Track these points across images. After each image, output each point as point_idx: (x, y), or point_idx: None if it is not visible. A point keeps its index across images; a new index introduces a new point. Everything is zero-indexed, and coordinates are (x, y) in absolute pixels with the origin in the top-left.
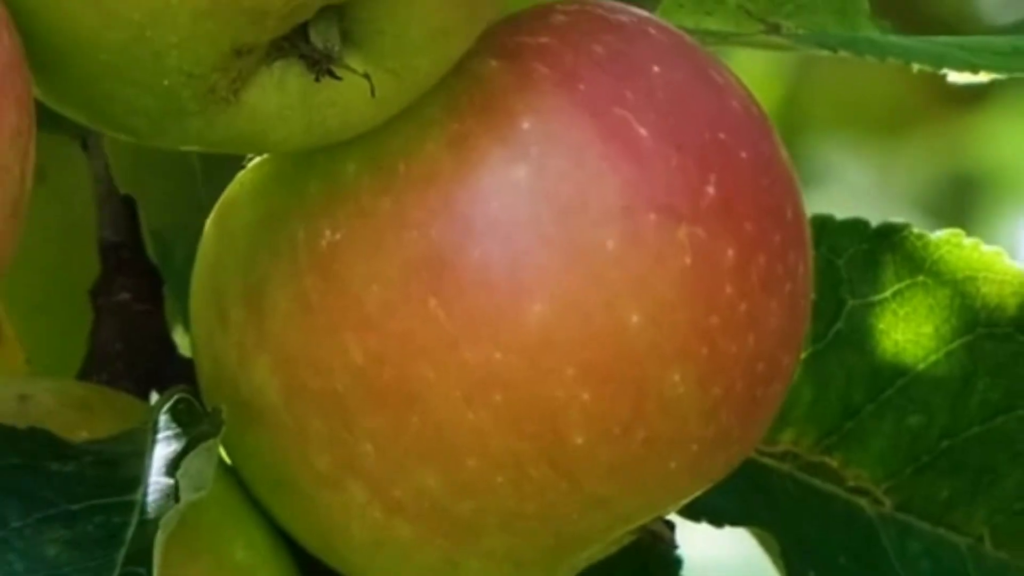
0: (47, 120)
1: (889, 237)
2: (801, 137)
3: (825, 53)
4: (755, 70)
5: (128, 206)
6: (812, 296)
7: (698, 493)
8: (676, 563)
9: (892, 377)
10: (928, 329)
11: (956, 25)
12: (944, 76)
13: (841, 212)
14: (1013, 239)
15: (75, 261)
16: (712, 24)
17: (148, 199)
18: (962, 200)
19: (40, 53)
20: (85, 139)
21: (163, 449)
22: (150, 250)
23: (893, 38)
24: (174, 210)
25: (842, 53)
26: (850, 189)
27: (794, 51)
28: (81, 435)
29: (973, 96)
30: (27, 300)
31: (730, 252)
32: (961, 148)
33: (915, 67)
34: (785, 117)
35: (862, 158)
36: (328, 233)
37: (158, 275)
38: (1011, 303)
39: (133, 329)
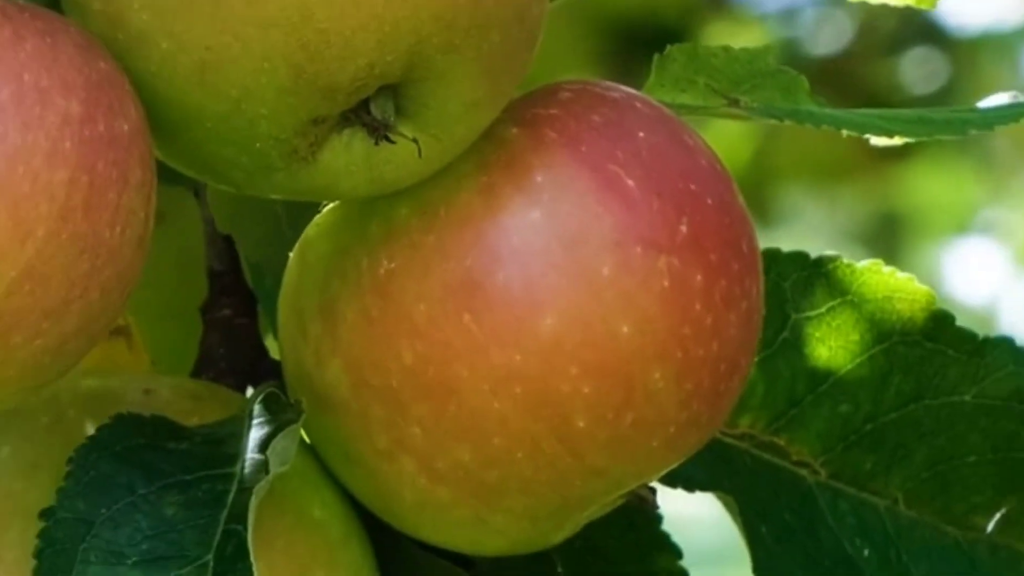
0: (166, 174)
1: (824, 265)
2: (768, 185)
3: (774, 122)
4: (731, 134)
5: (229, 243)
6: (763, 311)
7: (675, 465)
8: (657, 519)
9: (826, 375)
10: (855, 337)
11: (887, 95)
12: (868, 139)
13: (796, 244)
14: (929, 262)
15: (189, 285)
16: (686, 99)
17: (244, 238)
18: (890, 232)
19: (159, 122)
20: (197, 190)
21: (257, 432)
22: (247, 277)
23: (827, 110)
24: (265, 246)
25: (787, 122)
26: (805, 225)
27: (750, 120)
28: (193, 420)
29: (898, 153)
30: (152, 315)
31: (699, 277)
32: (889, 193)
33: (844, 133)
34: (755, 170)
35: (814, 201)
36: (385, 262)
37: (253, 296)
38: (920, 317)
39: (233, 338)
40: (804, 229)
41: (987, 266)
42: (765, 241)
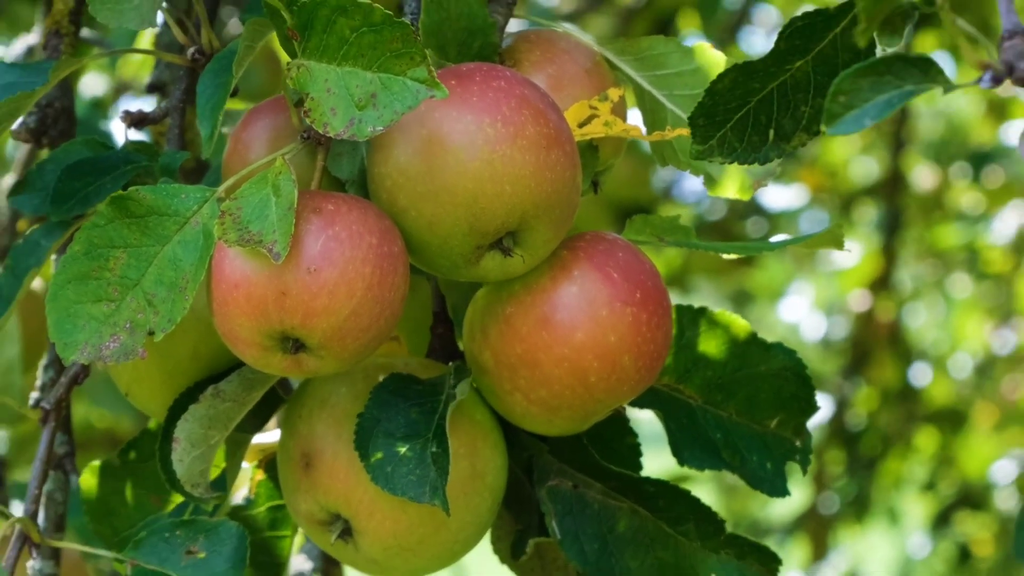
0: (416, 270)
1: (700, 312)
2: (688, 274)
3: (679, 248)
4: (673, 252)
5: (443, 298)
6: (673, 332)
7: (634, 397)
8: (627, 420)
9: (701, 359)
10: (714, 343)
11: (742, 235)
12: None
13: (700, 302)
14: (764, 309)
15: (424, 317)
16: (641, 239)
17: (449, 295)
18: (745, 297)
19: (410, 246)
20: (428, 277)
21: (452, 381)
22: (450, 313)
23: (703, 242)
24: (459, 299)
25: (683, 248)
26: (706, 293)
27: (665, 247)
28: (424, 376)
29: (747, 260)
30: (409, 330)
31: (644, 316)
32: (743, 278)
33: (712, 252)
34: (684, 267)
35: (709, 282)
36: (508, 309)
37: (452, 322)
38: (742, 334)
39: (443, 341)
40: (704, 295)
41: (797, 308)
42: (684, 300)
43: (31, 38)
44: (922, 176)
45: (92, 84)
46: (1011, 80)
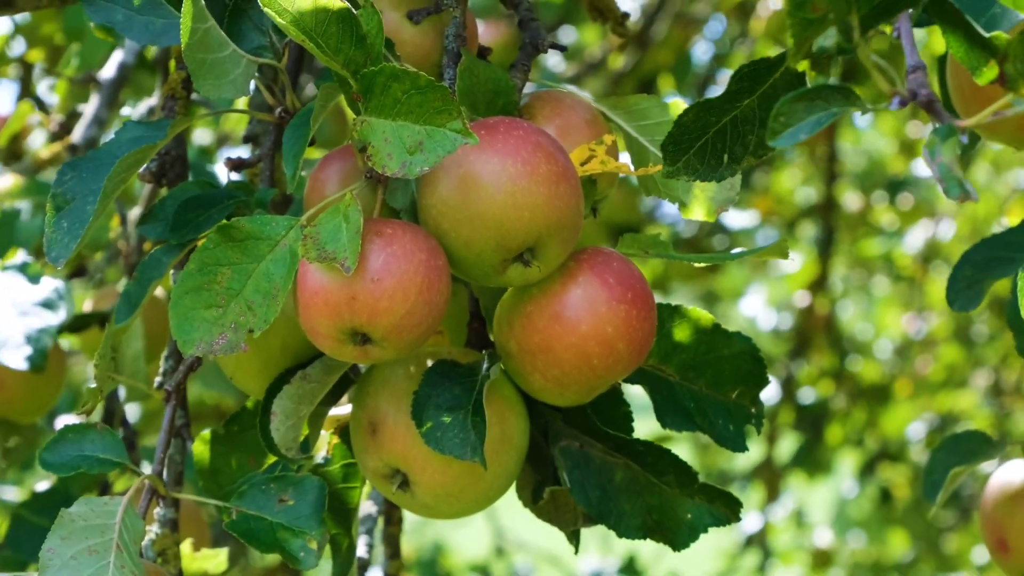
0: (456, 279)
1: (676, 308)
2: (668, 281)
3: (660, 259)
4: (656, 262)
5: (476, 300)
6: (656, 325)
7: (627, 375)
8: (622, 392)
9: (678, 346)
10: (687, 333)
11: (709, 248)
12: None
13: (677, 302)
14: (728, 306)
15: (462, 316)
16: (631, 252)
17: (482, 297)
18: (713, 296)
19: (451, 261)
20: (465, 283)
21: (486, 365)
22: (483, 312)
23: (679, 254)
24: (489, 300)
25: (663, 258)
26: (682, 294)
27: (650, 258)
28: (464, 361)
29: (715, 268)
30: (451, 327)
31: (635, 312)
32: (712, 282)
33: (685, 262)
34: (664, 275)
35: (686, 286)
36: (528, 308)
37: (483, 318)
38: (708, 324)
39: (477, 333)
40: (681, 296)
41: (754, 305)
42: (664, 300)
43: (152, 101)
44: (850, 201)
45: (201, 135)
46: (914, 103)
